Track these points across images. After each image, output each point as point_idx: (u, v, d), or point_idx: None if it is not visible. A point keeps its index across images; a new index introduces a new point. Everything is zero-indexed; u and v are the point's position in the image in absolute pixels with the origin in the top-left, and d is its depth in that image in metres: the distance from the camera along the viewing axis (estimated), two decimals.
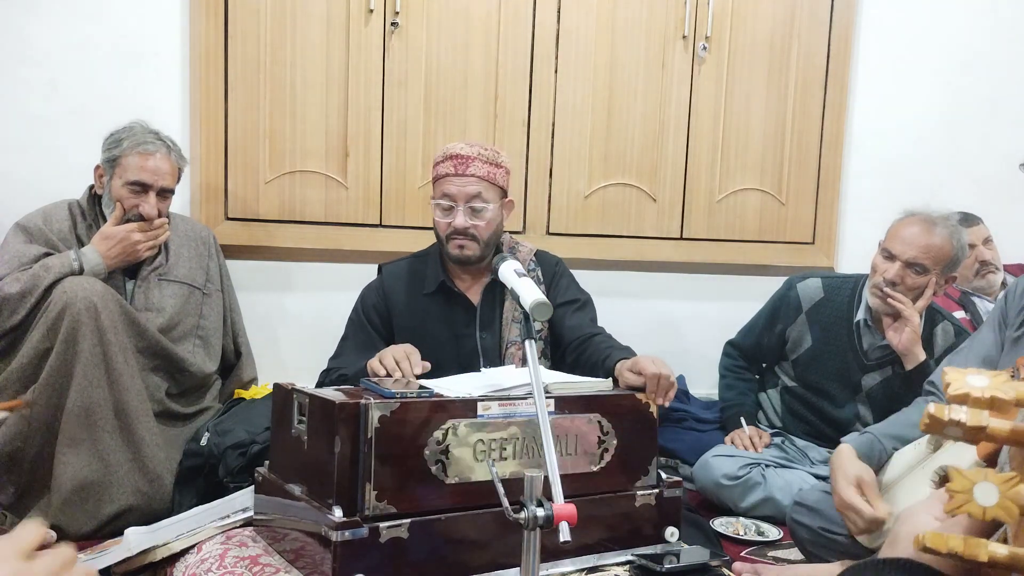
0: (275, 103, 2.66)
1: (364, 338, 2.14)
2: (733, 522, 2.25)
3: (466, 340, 2.12)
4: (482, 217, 2.07)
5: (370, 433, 1.35)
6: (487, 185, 2.07)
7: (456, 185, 2.05)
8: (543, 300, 1.46)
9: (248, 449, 2.02)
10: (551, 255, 2.31)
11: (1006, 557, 0.64)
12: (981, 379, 0.66)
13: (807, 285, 2.47)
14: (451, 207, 2.06)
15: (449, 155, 2.07)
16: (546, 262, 2.26)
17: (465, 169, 2.05)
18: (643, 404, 1.66)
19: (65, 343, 1.97)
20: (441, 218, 2.08)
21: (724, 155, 3.03)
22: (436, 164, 2.11)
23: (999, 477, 0.64)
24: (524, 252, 2.22)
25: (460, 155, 2.06)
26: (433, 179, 2.12)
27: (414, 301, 2.15)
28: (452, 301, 2.14)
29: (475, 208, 2.06)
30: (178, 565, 1.58)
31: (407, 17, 2.70)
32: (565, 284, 2.25)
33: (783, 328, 2.50)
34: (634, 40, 2.91)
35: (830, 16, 3.06)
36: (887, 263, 2.23)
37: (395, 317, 2.15)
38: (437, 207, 2.08)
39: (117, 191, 2.19)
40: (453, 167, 2.05)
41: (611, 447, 1.60)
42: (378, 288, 2.20)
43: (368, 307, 2.18)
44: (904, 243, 2.21)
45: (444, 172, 2.07)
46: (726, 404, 2.60)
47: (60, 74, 2.51)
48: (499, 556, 1.44)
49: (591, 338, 2.06)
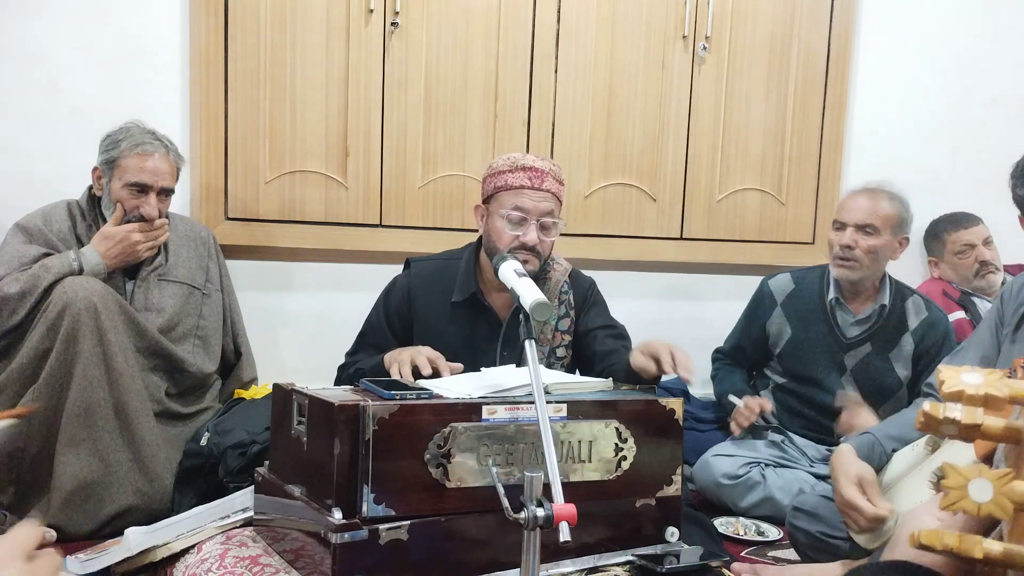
0: (275, 103, 2.66)
1: (381, 341, 2.10)
2: (733, 522, 2.25)
3: (486, 354, 2.05)
4: (551, 234, 2.02)
5: (368, 435, 1.35)
6: (556, 202, 2.02)
7: (532, 199, 1.97)
8: (543, 300, 1.46)
9: (248, 449, 2.02)
10: (585, 276, 2.24)
11: (1000, 553, 0.64)
12: (975, 377, 0.66)
13: (778, 280, 2.58)
14: (523, 220, 1.97)
15: (522, 166, 1.99)
16: (580, 283, 2.19)
17: (541, 184, 1.98)
18: (667, 411, 1.62)
19: (65, 343, 1.98)
20: (509, 230, 1.97)
21: (724, 155, 3.03)
22: (501, 173, 2.01)
23: (994, 474, 0.64)
24: (558, 272, 2.14)
25: (535, 168, 1.99)
26: (496, 188, 2.01)
27: (439, 306, 2.08)
28: (479, 313, 2.08)
29: (546, 225, 1.99)
30: (178, 565, 1.58)
31: (407, 17, 2.70)
32: (599, 311, 2.18)
33: (762, 324, 2.56)
34: (634, 40, 2.91)
35: (830, 16, 3.06)
36: (839, 233, 2.37)
37: (417, 321, 2.10)
38: (504, 219, 1.97)
39: (117, 192, 2.19)
40: (528, 179, 1.98)
41: (630, 455, 1.57)
42: (404, 288, 2.13)
43: (391, 310, 2.13)
44: (851, 210, 2.37)
45: (517, 183, 1.98)
46: (720, 397, 2.61)
47: (60, 74, 2.51)
48: (499, 556, 1.44)
49: (615, 352, 2.01)
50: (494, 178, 2.03)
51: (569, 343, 2.13)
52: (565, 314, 2.12)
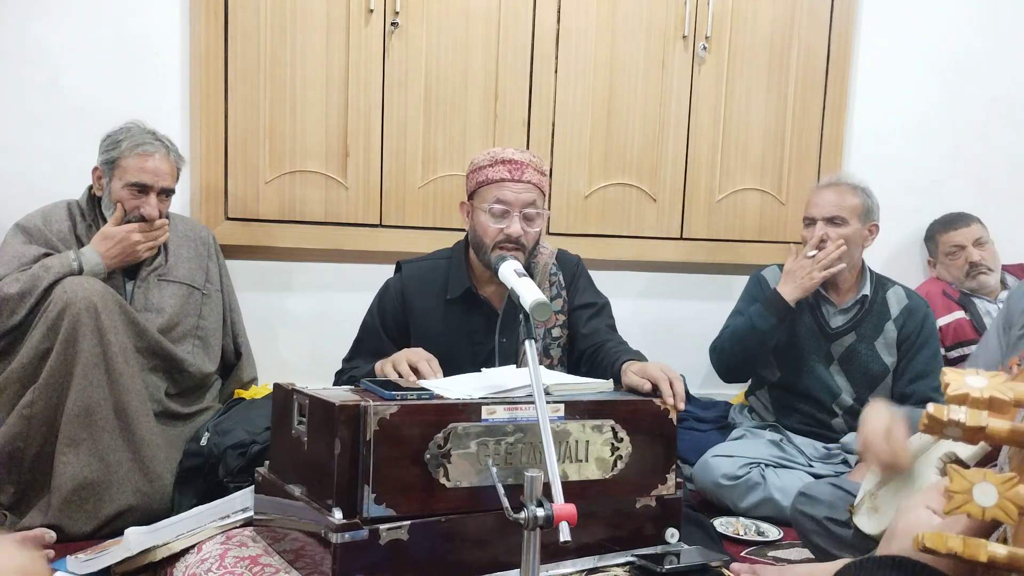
0: (275, 103, 2.66)
1: (378, 345, 2.09)
2: (733, 522, 2.25)
3: (484, 346, 2.06)
4: (535, 225, 2.02)
5: (369, 435, 1.35)
6: (539, 193, 2.03)
7: (514, 191, 1.97)
8: (543, 300, 1.47)
9: (248, 449, 2.03)
10: (571, 255, 2.25)
11: (1005, 557, 0.64)
12: (980, 379, 0.66)
13: (771, 271, 2.62)
14: (505, 213, 1.98)
15: (501, 159, 2.00)
16: (567, 263, 2.20)
17: (521, 175, 1.99)
18: (662, 411, 1.62)
19: (65, 343, 1.98)
20: (492, 224, 1.98)
21: (724, 155, 3.03)
22: (482, 168, 2.02)
23: (998, 477, 0.64)
24: (546, 254, 2.16)
25: (515, 160, 2.00)
26: (478, 184, 2.03)
27: (434, 305, 2.09)
28: (475, 308, 2.08)
29: (529, 216, 2.00)
30: (178, 565, 1.58)
31: (407, 17, 2.70)
32: (583, 286, 2.19)
33: None
34: (634, 40, 2.91)
35: (830, 16, 3.06)
36: (810, 229, 2.46)
37: (412, 322, 2.10)
38: (487, 212, 1.99)
39: (117, 193, 2.19)
40: (508, 172, 1.98)
41: (625, 455, 1.57)
42: (397, 290, 2.13)
43: (386, 313, 2.12)
44: (818, 205, 2.47)
45: (498, 177, 1.99)
46: (748, 314, 2.48)
47: (61, 74, 2.51)
48: (499, 556, 1.44)
49: (604, 344, 2.02)
50: (475, 174, 2.05)
51: (564, 322, 2.15)
52: (557, 294, 2.14)
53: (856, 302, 2.49)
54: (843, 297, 2.51)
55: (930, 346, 2.47)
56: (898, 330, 2.46)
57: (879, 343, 2.47)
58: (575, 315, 2.14)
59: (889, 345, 2.47)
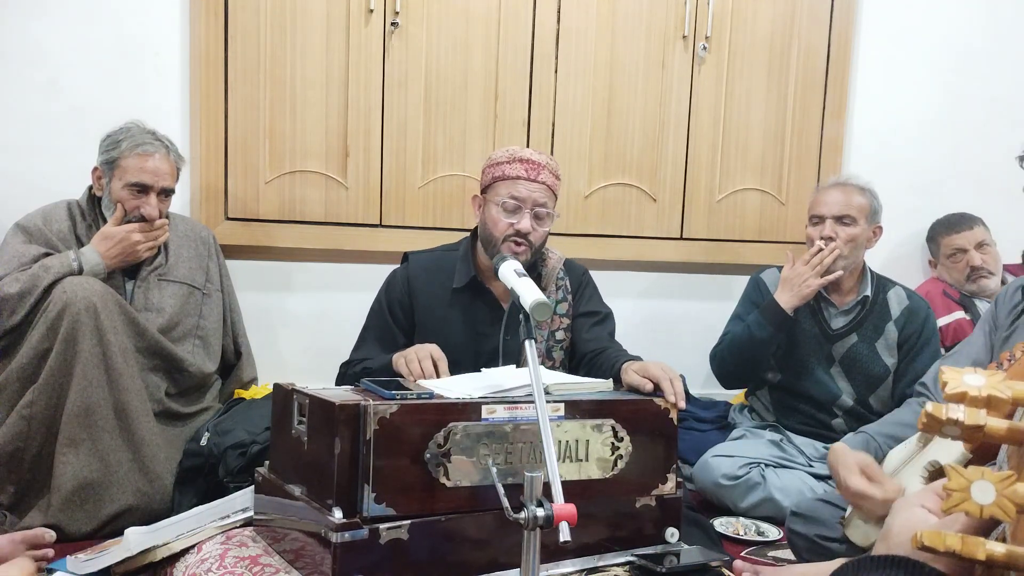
0: (275, 103, 2.66)
1: (385, 332, 2.14)
2: (733, 522, 2.25)
3: (488, 340, 2.09)
4: (544, 224, 2.08)
5: (369, 435, 1.35)
6: (551, 195, 2.09)
7: (528, 189, 2.04)
8: (543, 300, 1.47)
9: (248, 449, 2.03)
10: (579, 264, 2.30)
11: (1003, 555, 0.64)
12: (978, 378, 0.66)
13: (770, 274, 2.62)
14: (517, 208, 2.05)
15: (519, 158, 2.07)
16: (574, 270, 2.26)
17: (536, 175, 2.06)
18: (662, 411, 1.63)
19: (65, 343, 1.98)
20: (504, 218, 2.05)
21: (724, 155, 3.03)
22: (499, 164, 2.08)
23: (996, 476, 0.64)
24: (553, 260, 2.21)
25: (532, 160, 2.07)
26: (494, 178, 2.09)
27: (440, 294, 2.13)
28: (479, 299, 2.13)
29: (539, 215, 2.07)
30: (178, 565, 1.58)
31: (407, 17, 2.70)
32: (588, 295, 2.25)
33: None
34: (634, 40, 2.91)
35: (830, 16, 3.06)
36: (817, 228, 2.45)
37: (418, 309, 2.14)
38: (500, 207, 2.05)
39: (117, 193, 2.19)
40: (525, 171, 2.05)
41: (625, 454, 1.58)
42: (404, 278, 2.18)
43: (392, 300, 2.17)
44: (826, 204, 2.45)
45: (514, 174, 2.05)
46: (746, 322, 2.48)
47: (61, 74, 2.51)
48: (499, 556, 1.44)
49: (604, 351, 2.06)
50: (492, 168, 2.10)
51: (568, 326, 2.19)
52: (563, 298, 2.19)
53: (857, 303, 2.48)
54: (844, 298, 2.51)
55: (931, 347, 2.47)
56: (899, 331, 2.46)
57: (880, 344, 2.46)
58: (578, 321, 2.19)
59: (890, 346, 2.46)
